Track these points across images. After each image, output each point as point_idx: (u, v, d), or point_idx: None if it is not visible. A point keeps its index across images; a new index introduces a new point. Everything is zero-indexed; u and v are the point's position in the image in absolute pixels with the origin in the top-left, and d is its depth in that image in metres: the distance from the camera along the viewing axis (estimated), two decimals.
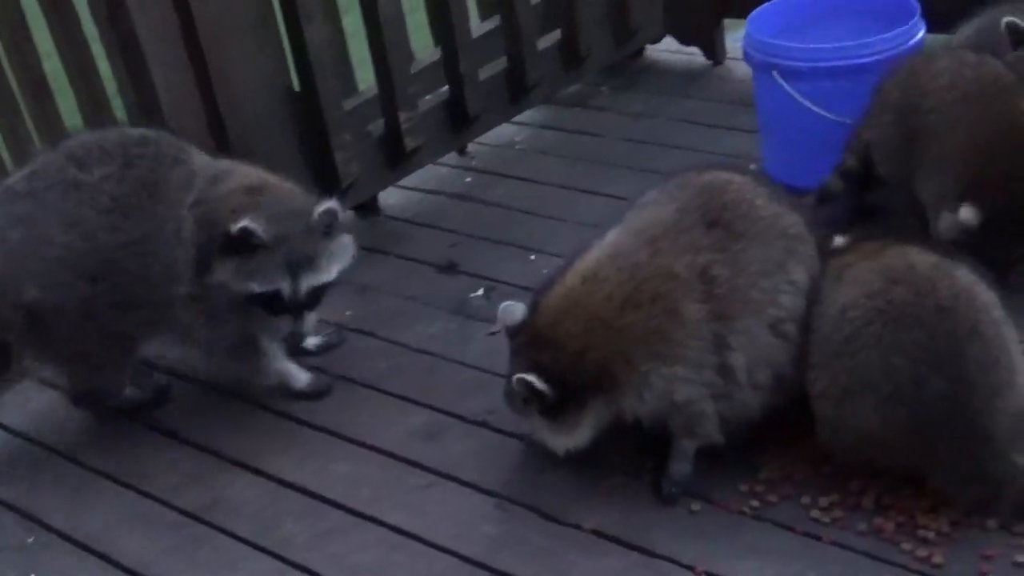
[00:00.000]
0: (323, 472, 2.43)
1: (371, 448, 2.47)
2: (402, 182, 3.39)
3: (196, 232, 2.45)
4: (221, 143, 2.83)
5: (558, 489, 2.28)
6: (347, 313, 2.90)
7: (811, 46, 2.93)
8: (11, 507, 2.49)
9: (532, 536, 2.19)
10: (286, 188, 2.54)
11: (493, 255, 3.07)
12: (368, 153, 3.09)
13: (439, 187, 3.46)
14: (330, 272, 2.50)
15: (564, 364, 2.15)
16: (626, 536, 2.15)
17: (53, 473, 2.57)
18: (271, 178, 2.54)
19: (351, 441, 2.50)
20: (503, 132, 3.63)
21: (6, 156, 3.32)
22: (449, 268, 3.03)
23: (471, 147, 3.56)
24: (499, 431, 2.45)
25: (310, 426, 2.57)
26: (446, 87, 3.30)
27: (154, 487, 2.47)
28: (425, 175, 3.46)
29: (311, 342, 2.76)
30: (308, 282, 2.46)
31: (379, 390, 2.64)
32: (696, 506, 2.19)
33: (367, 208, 3.30)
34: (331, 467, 2.44)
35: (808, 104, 2.89)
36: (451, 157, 3.54)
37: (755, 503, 2.17)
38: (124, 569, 2.29)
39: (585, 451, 2.23)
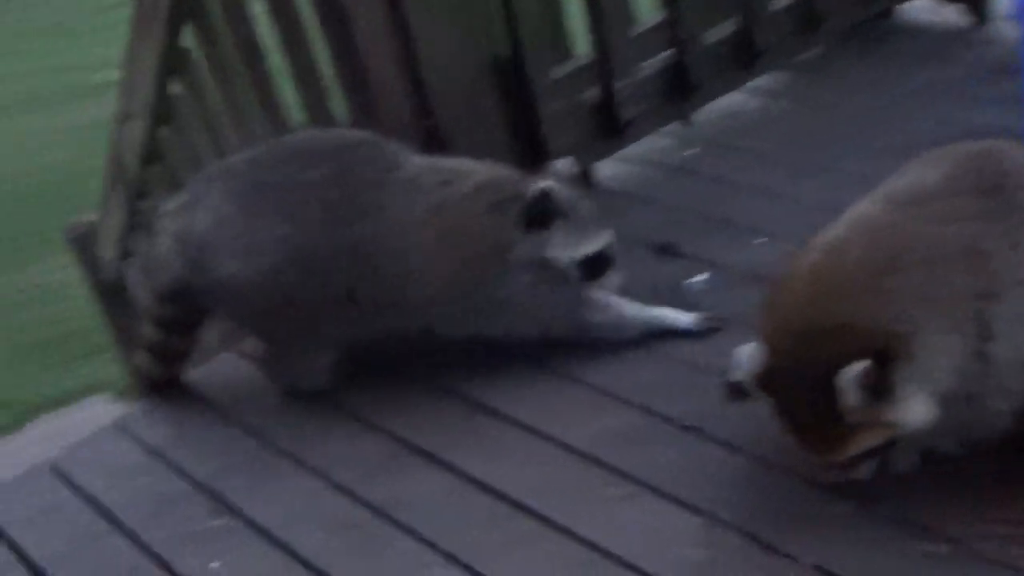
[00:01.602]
0: (515, 472, 2.24)
1: (567, 448, 2.27)
2: (618, 153, 3.18)
3: (447, 235, 2.40)
4: (425, 115, 2.69)
5: (774, 512, 2.02)
6: None
7: None
8: (203, 487, 2.42)
9: (739, 565, 1.95)
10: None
11: (714, 237, 2.80)
12: (580, 124, 2.89)
13: (658, 158, 3.21)
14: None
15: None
16: None
17: (244, 454, 2.48)
18: (500, 168, 2.50)
19: (546, 439, 2.30)
20: (730, 101, 3.35)
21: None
22: (665, 249, 2.78)
23: (694, 117, 3.31)
24: (712, 439, 2.19)
25: (505, 419, 2.39)
26: (668, 52, 3.04)
27: (340, 476, 2.34)
28: (643, 145, 3.21)
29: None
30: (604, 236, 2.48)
31: (580, 381, 2.43)
32: (941, 548, 1.88)
33: (577, 180, 3.08)
34: (524, 468, 2.25)
35: None
36: (673, 126, 3.27)
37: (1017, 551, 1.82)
38: (305, 564, 2.16)
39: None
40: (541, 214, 2.39)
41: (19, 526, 2.45)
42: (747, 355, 1.96)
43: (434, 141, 2.70)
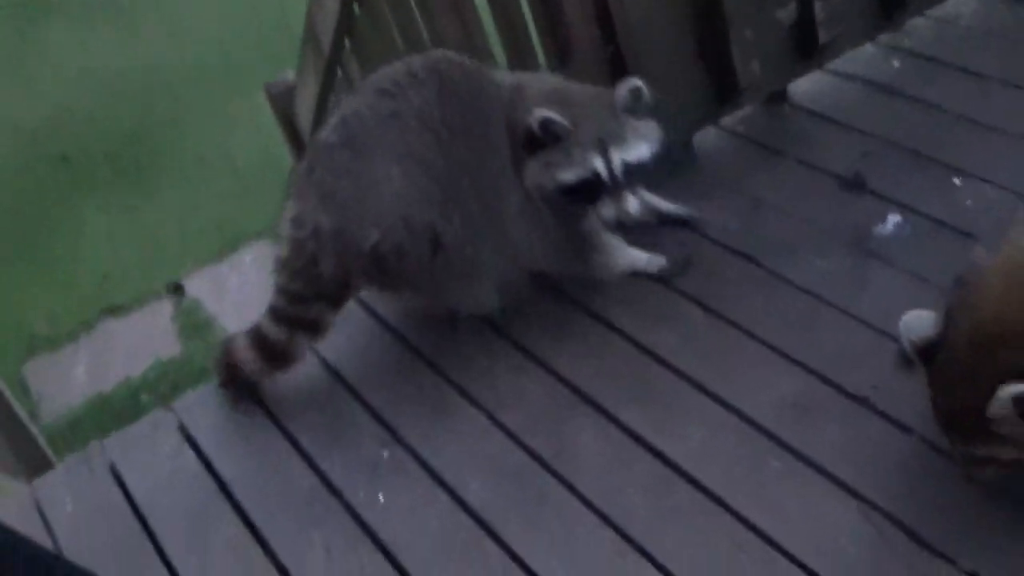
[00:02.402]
0: (677, 435, 2.21)
1: (732, 411, 2.22)
2: None
3: (508, 143, 2.36)
4: (608, 41, 2.59)
5: (940, 509, 1.94)
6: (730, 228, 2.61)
7: None
8: (375, 415, 2.48)
9: (899, 567, 1.89)
10: (587, 86, 2.43)
11: (911, 173, 2.63)
12: (775, 45, 2.71)
13: (861, 72, 2.99)
14: (640, 149, 2.35)
15: None
16: None
17: (415, 384, 2.52)
18: (573, 83, 2.43)
19: (713, 399, 2.26)
20: (949, 3, 3.07)
21: None
22: (855, 184, 2.63)
23: (907, 23, 3.03)
24: (883, 415, 2.11)
25: (673, 370, 2.35)
26: None
27: (505, 418, 2.37)
28: (847, 55, 2.99)
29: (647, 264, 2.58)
30: (620, 157, 2.32)
31: (750, 335, 2.36)
32: None
33: (772, 96, 2.93)
34: (687, 430, 2.22)
35: None
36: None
37: None
38: (469, 513, 2.21)
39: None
40: (536, 139, 2.32)
41: (206, 437, 2.56)
42: (916, 321, 1.88)
43: (618, 69, 2.61)
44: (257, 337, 2.53)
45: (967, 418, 1.76)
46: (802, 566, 1.93)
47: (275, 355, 2.53)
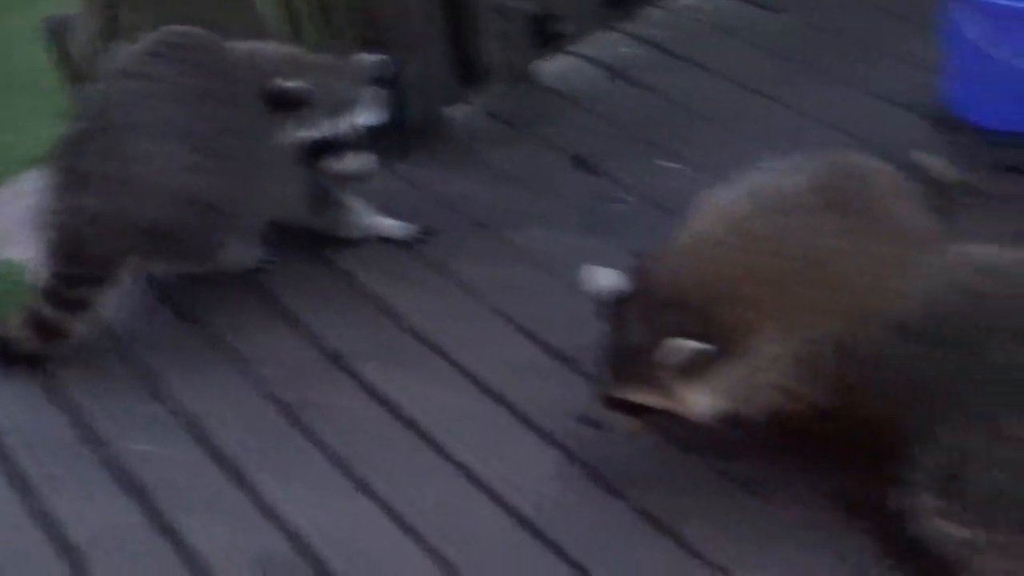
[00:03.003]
0: (416, 392, 2.45)
1: (466, 374, 2.48)
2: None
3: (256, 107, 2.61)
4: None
5: (623, 455, 2.25)
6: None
7: None
8: (142, 371, 2.62)
9: (585, 505, 2.20)
10: (326, 55, 2.75)
11: (636, 157, 2.93)
12: (518, 32, 2.99)
13: (601, 56, 3.30)
14: (372, 115, 2.67)
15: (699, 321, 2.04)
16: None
17: (178, 339, 2.68)
18: (312, 53, 2.76)
19: (450, 361, 2.51)
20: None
21: None
22: (583, 162, 2.94)
23: (648, 13, 3.36)
24: (587, 373, 2.39)
25: (413, 333, 2.59)
26: None
27: (265, 372, 2.56)
28: (593, 41, 3.29)
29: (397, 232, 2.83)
30: (354, 121, 2.65)
31: (486, 303, 2.63)
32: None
33: (518, 77, 3.19)
34: (426, 389, 2.46)
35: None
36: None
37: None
38: (222, 462, 2.38)
39: None
40: (281, 102, 2.60)
41: None
42: (600, 272, 2.17)
43: (370, 45, 2.82)
44: (32, 317, 2.65)
45: (631, 359, 2.06)
46: (508, 508, 2.21)
47: (50, 333, 2.65)
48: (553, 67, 3.26)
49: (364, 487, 2.30)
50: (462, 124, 3.13)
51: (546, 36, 3.05)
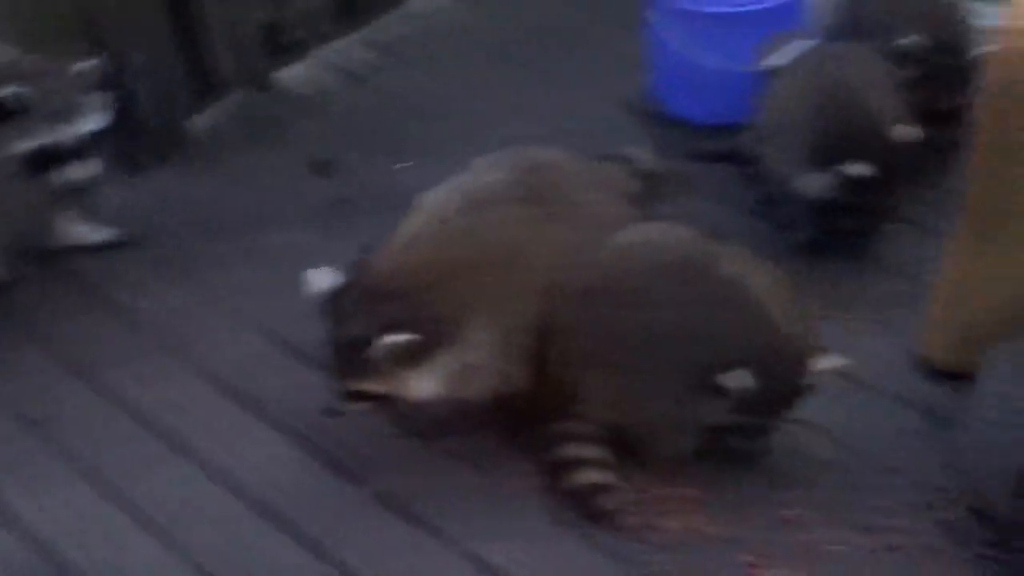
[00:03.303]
0: (159, 396, 2.53)
1: (204, 373, 2.57)
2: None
3: None
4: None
5: (358, 442, 2.39)
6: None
7: None
8: None
9: (322, 490, 2.33)
10: (45, 60, 2.67)
11: (373, 159, 3.07)
12: (248, 45, 3.08)
13: (339, 61, 3.42)
14: (94, 122, 2.65)
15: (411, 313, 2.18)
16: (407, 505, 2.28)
17: None
18: (29, 57, 2.68)
19: (186, 360, 2.60)
20: (418, 1, 3.55)
21: None
22: (321, 167, 3.06)
23: (386, 18, 3.49)
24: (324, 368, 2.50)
25: (152, 331, 2.67)
26: None
27: (8, 387, 2.58)
28: (331, 48, 3.40)
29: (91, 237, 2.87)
30: (76, 128, 2.62)
31: (225, 304, 2.72)
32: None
33: (258, 84, 3.28)
34: (165, 389, 2.55)
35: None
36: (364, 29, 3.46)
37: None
38: None
39: None
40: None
41: None
42: (317, 274, 2.28)
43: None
44: None
45: (351, 354, 2.19)
46: (244, 494, 2.32)
47: None
48: (292, 73, 3.36)
49: (110, 491, 2.37)
50: (202, 131, 3.20)
51: (281, 44, 3.14)
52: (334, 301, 2.25)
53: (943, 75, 2.66)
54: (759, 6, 2.78)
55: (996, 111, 2.01)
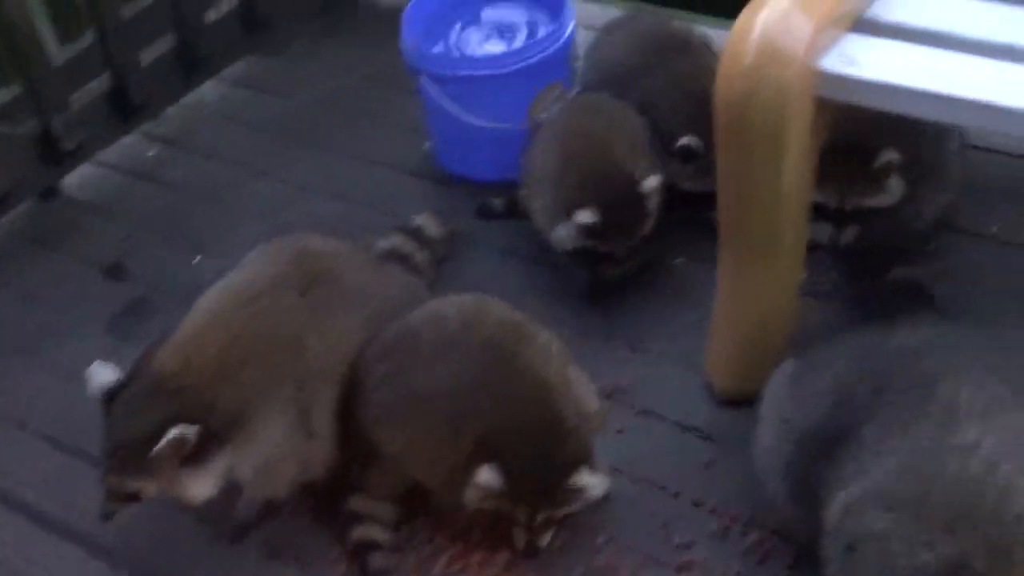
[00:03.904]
0: None
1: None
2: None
3: None
4: None
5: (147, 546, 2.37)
6: None
7: (456, 56, 2.95)
8: None
9: None
10: None
11: (162, 254, 3.04)
12: (19, 154, 3.02)
13: (122, 161, 3.37)
14: None
15: (193, 409, 2.16)
16: None
17: None
18: None
19: None
20: (197, 91, 3.52)
21: None
22: (114, 270, 3.01)
23: (162, 113, 3.44)
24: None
25: None
26: (104, 76, 3.18)
27: None
28: (114, 147, 3.35)
29: None
30: None
31: (12, 419, 2.65)
32: None
33: (44, 192, 3.22)
34: None
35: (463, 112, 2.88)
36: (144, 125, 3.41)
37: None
38: None
39: None
40: None
41: None
42: (100, 368, 2.24)
43: None
44: None
45: (131, 451, 2.15)
46: None
47: None
48: (77, 177, 3.29)
49: None
50: None
51: (59, 152, 3.09)
52: (114, 398, 2.21)
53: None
54: (522, 63, 2.83)
55: (727, 143, 2.09)
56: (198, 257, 3.00)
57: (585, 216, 2.53)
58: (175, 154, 3.38)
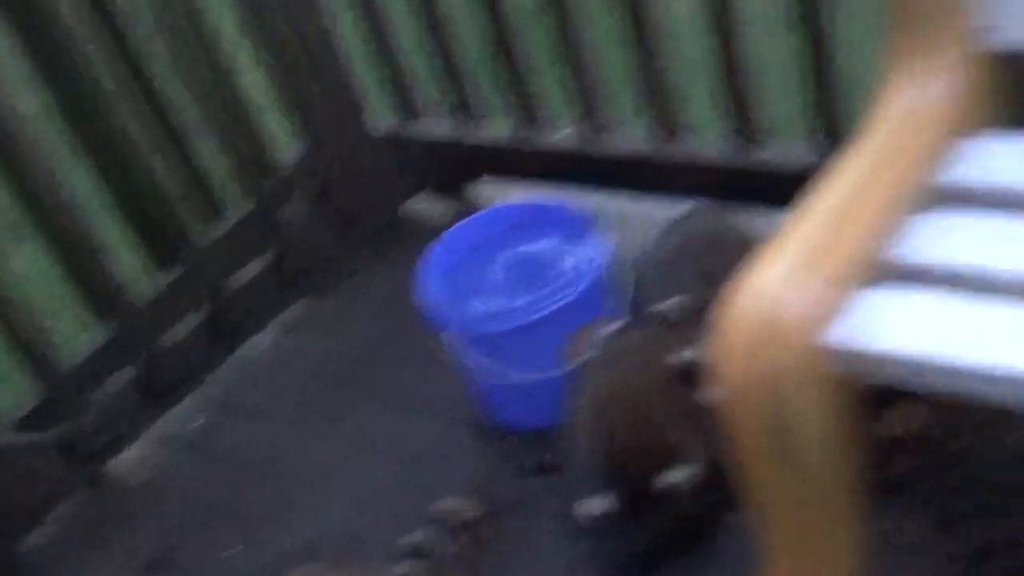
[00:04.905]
0: None
1: None
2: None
3: None
4: None
5: None
6: None
7: (481, 310, 2.70)
8: None
9: None
10: None
11: (211, 540, 2.82)
12: (49, 467, 2.91)
13: (170, 432, 3.17)
14: None
15: None
16: None
17: None
18: None
19: None
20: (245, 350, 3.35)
21: None
22: (157, 566, 2.81)
23: (211, 376, 3.27)
24: None
25: None
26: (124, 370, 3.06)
27: None
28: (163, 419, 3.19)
29: None
30: None
31: None
32: None
33: (91, 480, 3.08)
34: None
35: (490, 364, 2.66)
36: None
37: None
38: None
39: None
40: None
41: None
42: None
43: None
44: None
45: None
46: None
47: None
48: (125, 458, 3.12)
49: None
50: (34, 549, 2.97)
51: (84, 454, 2.97)
52: None
53: None
54: (544, 312, 2.57)
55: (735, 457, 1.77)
56: (239, 547, 2.80)
57: (599, 504, 2.25)
58: (225, 420, 3.18)
